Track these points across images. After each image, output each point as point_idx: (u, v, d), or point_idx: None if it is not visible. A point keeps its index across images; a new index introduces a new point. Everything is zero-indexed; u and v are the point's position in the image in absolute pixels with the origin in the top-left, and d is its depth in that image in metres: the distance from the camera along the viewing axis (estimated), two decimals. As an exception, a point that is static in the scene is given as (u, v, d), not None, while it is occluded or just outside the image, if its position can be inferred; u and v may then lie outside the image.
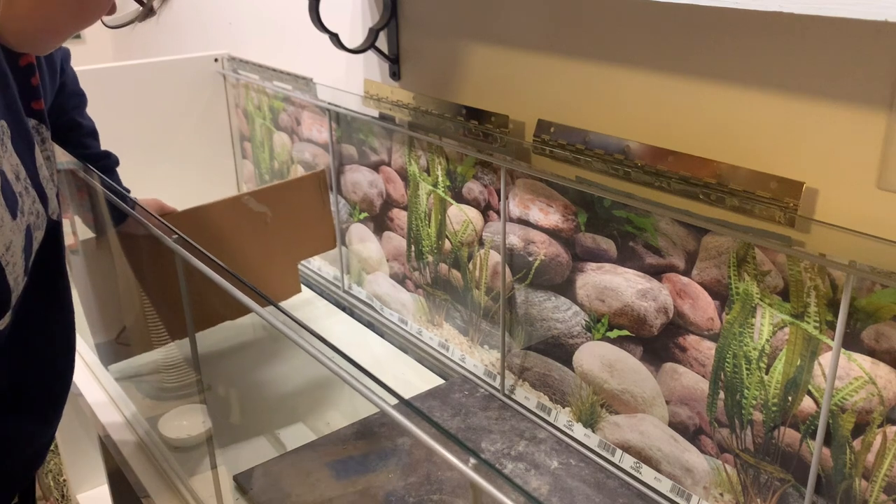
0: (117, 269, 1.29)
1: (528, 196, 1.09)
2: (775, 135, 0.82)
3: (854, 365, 0.78)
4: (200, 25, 1.96)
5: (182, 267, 0.94)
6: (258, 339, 1.39)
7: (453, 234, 1.25)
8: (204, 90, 1.79)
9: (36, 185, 0.79)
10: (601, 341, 1.04)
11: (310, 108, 1.54)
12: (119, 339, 1.34)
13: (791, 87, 0.79)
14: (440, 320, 1.34)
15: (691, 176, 0.89)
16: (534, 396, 1.17)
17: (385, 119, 1.35)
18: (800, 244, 0.81)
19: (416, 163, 1.29)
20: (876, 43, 0.71)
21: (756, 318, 0.86)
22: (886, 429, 0.77)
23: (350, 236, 1.53)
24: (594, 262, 1.02)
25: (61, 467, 2.18)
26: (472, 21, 1.15)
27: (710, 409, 0.93)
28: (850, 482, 0.81)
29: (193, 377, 1.26)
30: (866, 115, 0.74)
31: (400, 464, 1.07)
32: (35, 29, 0.74)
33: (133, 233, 1.15)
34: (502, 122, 1.12)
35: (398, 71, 1.31)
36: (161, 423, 1.18)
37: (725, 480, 0.94)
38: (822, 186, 0.79)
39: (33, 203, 0.78)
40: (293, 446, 1.12)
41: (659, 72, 0.91)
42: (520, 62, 1.08)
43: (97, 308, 1.33)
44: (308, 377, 1.31)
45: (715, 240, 0.88)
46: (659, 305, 0.95)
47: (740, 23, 0.81)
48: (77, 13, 0.74)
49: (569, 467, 1.06)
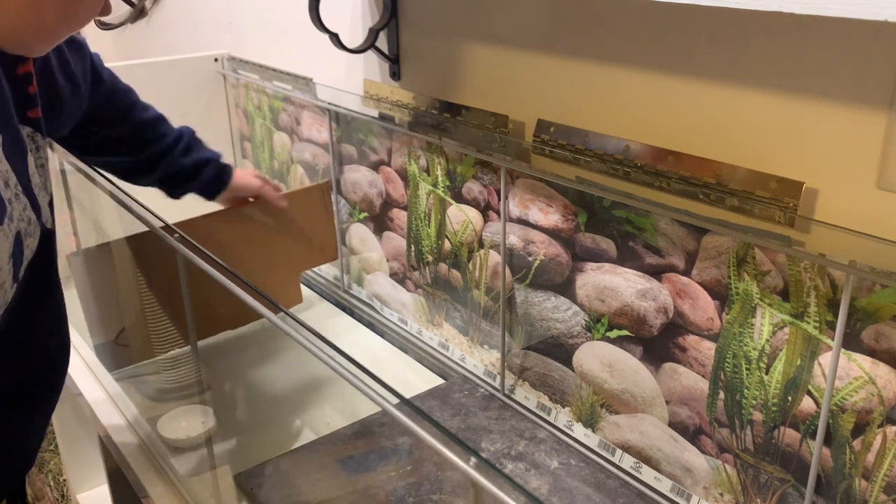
0: (124, 272, 1.29)
1: (527, 196, 1.09)
2: (775, 135, 0.82)
3: (854, 365, 0.78)
4: (200, 25, 1.96)
5: (183, 267, 0.94)
6: (258, 339, 1.39)
7: (453, 235, 1.25)
8: (204, 90, 1.79)
9: (27, 192, 0.78)
10: (601, 341, 1.04)
11: (310, 108, 1.54)
12: (118, 341, 1.34)
13: (791, 87, 0.79)
14: (440, 320, 1.34)
15: (691, 176, 0.89)
16: (534, 396, 1.17)
17: (385, 119, 1.35)
18: (799, 244, 0.81)
19: (415, 163, 1.29)
20: (876, 43, 0.71)
21: (756, 318, 0.86)
22: (886, 429, 0.77)
23: (350, 236, 1.53)
24: (594, 262, 1.02)
25: (61, 467, 2.18)
26: (472, 21, 1.15)
27: (710, 409, 0.93)
28: (850, 482, 0.81)
29: (193, 377, 1.26)
30: (866, 115, 0.74)
31: (400, 464, 1.07)
32: (27, 30, 0.73)
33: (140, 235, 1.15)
34: (502, 121, 1.12)
35: (398, 71, 1.31)
36: (161, 424, 1.18)
37: (725, 480, 0.94)
38: (822, 186, 0.79)
39: (24, 210, 0.77)
40: (293, 446, 1.12)
41: (659, 72, 0.91)
42: (519, 62, 1.08)
43: (98, 309, 1.33)
44: (308, 377, 1.31)
45: (715, 240, 0.88)
46: (659, 305, 0.95)
47: (740, 23, 0.82)
48: (69, 15, 0.74)
49: (569, 467, 1.06)
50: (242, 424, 1.26)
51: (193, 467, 1.11)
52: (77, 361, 1.37)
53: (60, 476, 2.27)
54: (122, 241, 1.22)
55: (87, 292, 1.31)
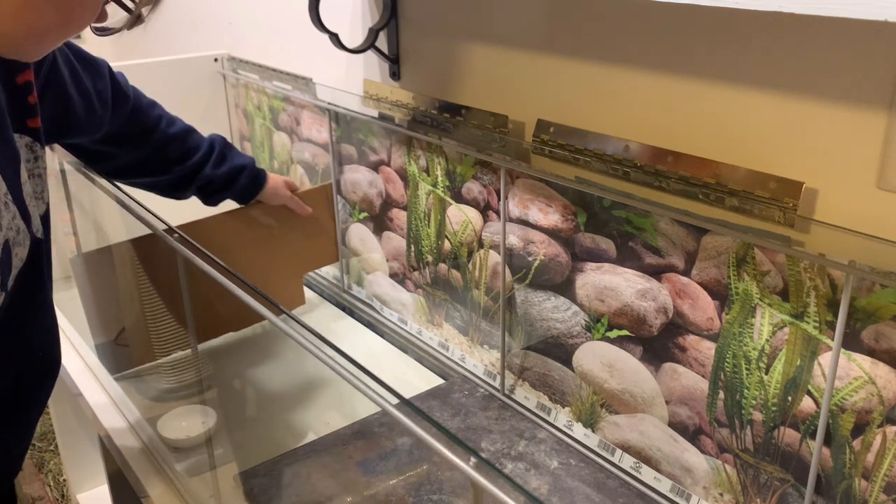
0: (126, 275, 1.29)
1: (527, 196, 1.09)
2: (775, 135, 0.82)
3: (854, 365, 0.78)
4: (200, 25, 1.96)
5: (184, 269, 0.94)
6: (258, 339, 1.39)
7: (453, 235, 1.25)
8: (204, 90, 1.79)
9: (17, 201, 0.77)
10: (601, 341, 1.04)
11: (309, 108, 1.54)
12: (118, 341, 1.34)
13: (791, 87, 0.79)
14: (440, 320, 1.34)
15: (691, 176, 0.89)
16: (534, 396, 1.17)
17: (385, 119, 1.35)
18: (799, 244, 0.81)
19: (415, 163, 1.29)
20: (876, 43, 0.72)
21: (756, 318, 0.86)
22: (886, 429, 0.77)
23: (350, 236, 1.53)
24: (594, 262, 1.02)
25: (61, 467, 2.18)
26: (472, 21, 1.15)
27: (710, 409, 0.93)
28: (850, 482, 0.81)
29: (193, 378, 1.26)
30: (866, 115, 0.74)
31: (400, 464, 1.07)
32: (22, 35, 0.73)
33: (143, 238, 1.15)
34: (502, 122, 1.12)
35: (398, 71, 1.31)
36: (161, 424, 1.18)
37: (725, 480, 0.94)
38: (822, 186, 0.79)
39: (13, 219, 0.76)
40: (293, 446, 1.12)
41: (659, 72, 0.91)
42: (519, 62, 1.08)
43: (100, 311, 1.33)
44: (308, 377, 1.31)
45: (714, 240, 0.88)
46: (658, 305, 0.96)
47: (740, 23, 0.82)
48: (65, 20, 0.73)
49: (569, 467, 1.06)
50: (243, 424, 1.26)
51: (193, 467, 1.11)
52: (77, 362, 1.37)
53: (60, 476, 2.27)
54: (125, 243, 1.23)
55: (89, 294, 1.31)
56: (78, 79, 0.99)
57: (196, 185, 1.24)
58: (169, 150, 1.21)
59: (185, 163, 1.22)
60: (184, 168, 1.22)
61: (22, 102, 0.80)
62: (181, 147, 1.22)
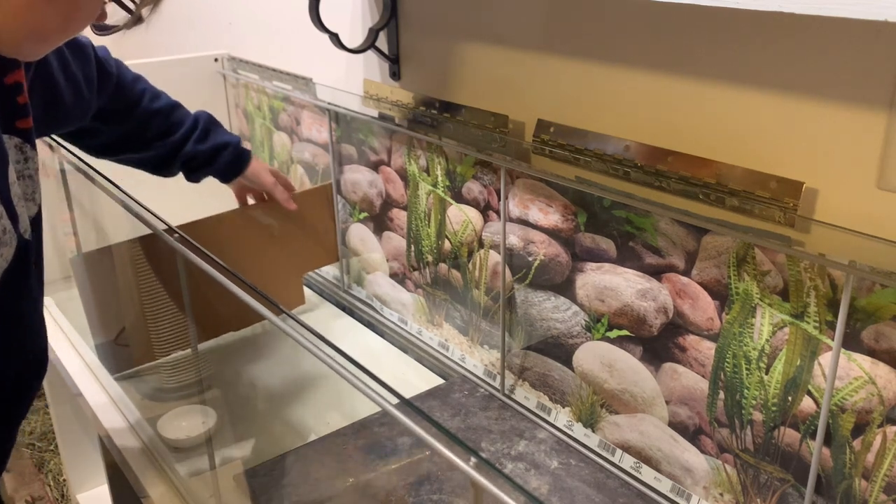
0: (126, 275, 1.29)
1: (527, 196, 1.09)
2: (775, 135, 0.82)
3: (854, 365, 0.78)
4: (200, 25, 1.96)
5: (184, 269, 0.94)
6: (258, 339, 1.39)
7: (453, 234, 1.25)
8: (204, 90, 1.79)
9: (5, 201, 0.76)
10: (601, 341, 1.04)
11: (309, 108, 1.54)
12: (117, 341, 1.34)
13: (791, 87, 0.79)
14: (440, 320, 1.34)
15: (691, 176, 0.89)
16: (533, 396, 1.17)
17: (385, 119, 1.35)
18: (799, 244, 0.81)
19: (415, 163, 1.29)
20: (876, 43, 0.72)
21: (756, 318, 0.86)
22: (886, 429, 0.77)
23: (350, 236, 1.53)
24: (594, 262, 1.02)
25: (61, 467, 2.18)
26: (472, 21, 1.15)
27: (710, 409, 0.93)
28: (850, 482, 0.81)
29: (193, 377, 1.26)
30: (866, 115, 0.74)
31: (400, 464, 1.07)
32: (22, 35, 0.72)
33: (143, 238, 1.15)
34: (502, 121, 1.12)
35: (398, 71, 1.31)
36: (161, 424, 1.18)
37: (725, 480, 0.94)
38: (822, 186, 0.79)
39: None
40: (293, 446, 1.12)
41: (658, 72, 0.91)
42: (519, 62, 1.08)
43: (100, 311, 1.33)
44: (308, 377, 1.31)
45: (715, 240, 0.88)
46: (659, 305, 0.96)
47: (740, 23, 0.82)
48: (65, 20, 0.73)
49: (569, 467, 1.06)
50: (243, 424, 1.26)
51: (193, 467, 1.11)
52: (77, 362, 1.37)
53: (60, 476, 2.27)
54: (125, 243, 1.22)
55: (89, 294, 1.31)
56: (65, 64, 0.97)
57: (180, 161, 1.22)
58: (152, 124, 1.19)
59: (168, 138, 1.20)
60: (166, 143, 1.20)
61: (11, 103, 0.79)
62: (165, 122, 1.20)
